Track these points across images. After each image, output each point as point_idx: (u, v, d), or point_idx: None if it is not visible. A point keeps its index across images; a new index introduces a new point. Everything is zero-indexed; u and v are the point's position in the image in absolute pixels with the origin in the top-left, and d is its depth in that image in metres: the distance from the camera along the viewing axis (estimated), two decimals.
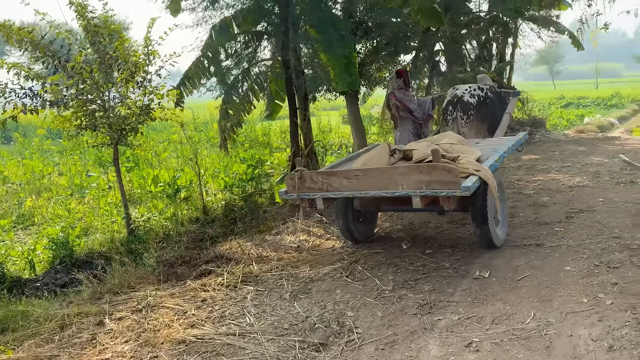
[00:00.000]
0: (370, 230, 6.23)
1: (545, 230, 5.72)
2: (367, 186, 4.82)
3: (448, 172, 4.40)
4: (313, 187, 5.17)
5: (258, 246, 6.39)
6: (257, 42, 8.72)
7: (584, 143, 12.85)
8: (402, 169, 4.64)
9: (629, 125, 23.93)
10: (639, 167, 7.32)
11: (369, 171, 4.81)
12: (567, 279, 4.23)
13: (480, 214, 4.99)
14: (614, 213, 6.06)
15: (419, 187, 4.54)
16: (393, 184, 4.68)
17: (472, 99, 6.79)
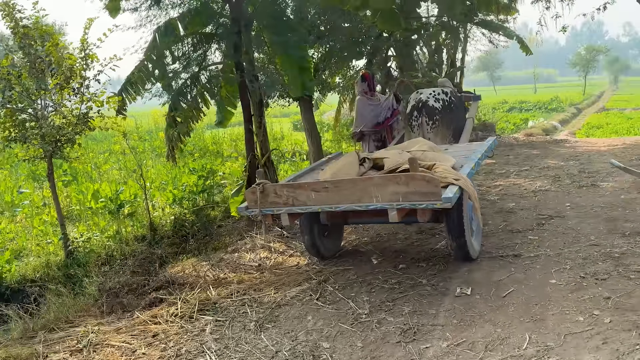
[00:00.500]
0: (337, 245, 5.80)
1: (519, 239, 5.48)
2: (338, 199, 4.39)
3: (427, 183, 4.03)
4: (277, 201, 4.68)
5: (215, 267, 5.82)
6: (206, 44, 8.14)
7: (536, 146, 12.98)
8: (377, 180, 4.23)
9: (571, 128, 24.84)
10: (636, 172, 7.16)
11: (339, 183, 4.38)
12: (556, 294, 3.94)
13: (456, 226, 4.66)
14: (585, 219, 5.91)
15: (396, 199, 4.15)
16: (367, 197, 4.27)
17: (437, 103, 6.51)
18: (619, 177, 7.95)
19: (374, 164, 4.99)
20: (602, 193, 7.08)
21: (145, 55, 7.69)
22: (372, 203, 4.25)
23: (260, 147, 7.89)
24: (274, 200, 4.70)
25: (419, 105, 6.50)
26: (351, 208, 4.33)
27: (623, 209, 6.09)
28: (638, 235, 5.06)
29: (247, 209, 4.88)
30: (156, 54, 7.68)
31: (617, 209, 6.12)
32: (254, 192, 4.77)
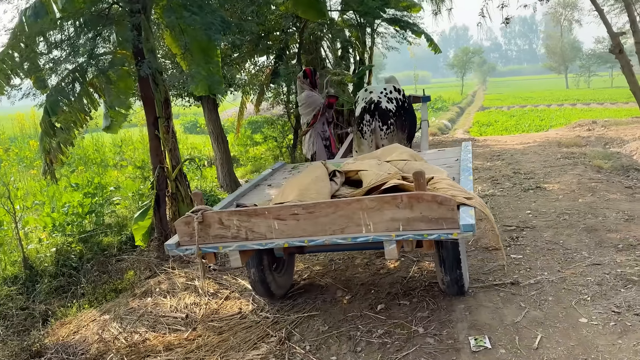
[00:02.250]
0: (289, 280, 4.59)
1: (501, 261, 4.67)
2: (313, 230, 3.18)
3: (440, 205, 2.97)
4: (224, 234, 3.36)
5: (124, 322, 4.30)
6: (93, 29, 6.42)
7: (450, 146, 12.69)
8: (369, 203, 3.09)
9: (462, 126, 25.73)
10: None
11: (315, 208, 3.17)
12: (600, 341, 3.11)
13: (452, 257, 3.69)
14: (560, 229, 5.29)
15: (395, 227, 3.05)
16: (354, 225, 3.12)
17: (390, 104, 5.51)
18: (560, 178, 7.62)
19: (347, 178, 3.85)
20: (555, 197, 6.62)
21: (10, 41, 5.81)
22: (361, 234, 3.11)
23: (170, 156, 6.37)
24: (219, 233, 3.37)
25: (371, 107, 5.47)
26: (332, 241, 3.15)
27: (594, 215, 5.58)
28: (635, 249, 4.49)
29: (178, 247, 3.49)
30: (25, 41, 5.85)
31: (587, 215, 5.61)
32: (188, 222, 3.40)
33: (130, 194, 8.60)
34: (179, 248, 3.47)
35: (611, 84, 52.07)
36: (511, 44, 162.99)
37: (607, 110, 27.53)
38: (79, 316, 4.71)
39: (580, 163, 8.57)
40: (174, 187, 6.26)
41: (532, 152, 10.13)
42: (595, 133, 13.41)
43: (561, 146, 10.86)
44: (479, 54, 54.17)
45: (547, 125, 21.70)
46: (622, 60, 6.45)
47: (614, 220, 5.36)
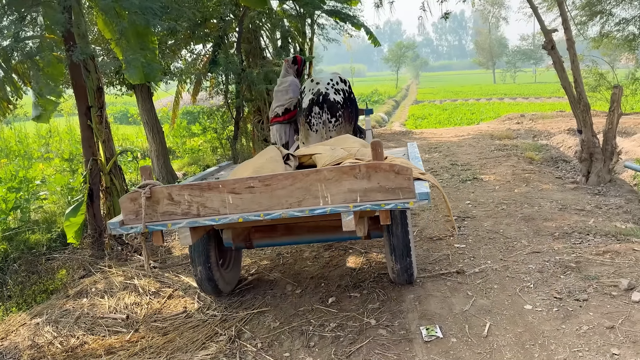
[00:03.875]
0: (237, 275, 4.46)
1: (446, 249, 4.78)
2: (269, 204, 3.09)
3: (397, 175, 2.98)
4: (174, 211, 3.18)
5: (59, 326, 4.02)
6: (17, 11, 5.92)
7: (388, 139, 12.92)
8: (327, 174, 3.04)
9: (397, 119, 26.27)
10: None
11: (272, 180, 3.08)
12: (546, 327, 3.23)
13: (402, 243, 3.72)
14: (499, 219, 5.48)
15: (352, 199, 3.03)
16: (311, 197, 3.06)
17: (337, 95, 5.45)
18: (495, 169, 7.92)
19: (301, 163, 3.78)
20: (492, 187, 6.87)
21: None
22: (318, 207, 3.05)
23: (104, 148, 6.01)
24: (168, 210, 3.18)
25: (319, 99, 5.38)
26: (290, 215, 3.06)
27: (529, 205, 5.83)
28: (570, 236, 4.72)
29: (122, 225, 3.25)
30: None
31: (524, 205, 5.84)
32: (134, 198, 3.19)
33: (58, 188, 8.08)
34: (123, 227, 3.23)
35: (535, 79, 55.02)
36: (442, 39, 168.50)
37: (532, 104, 29.04)
38: (7, 320, 4.35)
39: (513, 155, 8.95)
40: (108, 181, 5.92)
41: (467, 145, 10.48)
42: (525, 126, 14.10)
43: (494, 138, 11.31)
44: (412, 48, 55.59)
45: (478, 119, 22.58)
46: (554, 56, 6.75)
47: (548, 209, 5.61)
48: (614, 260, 4.03)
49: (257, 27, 13.08)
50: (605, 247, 4.33)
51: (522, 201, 6.01)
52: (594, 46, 14.65)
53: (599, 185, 6.68)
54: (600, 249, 4.29)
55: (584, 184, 6.85)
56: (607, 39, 14.00)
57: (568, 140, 11.09)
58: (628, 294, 3.43)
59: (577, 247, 4.43)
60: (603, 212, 5.53)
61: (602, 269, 3.89)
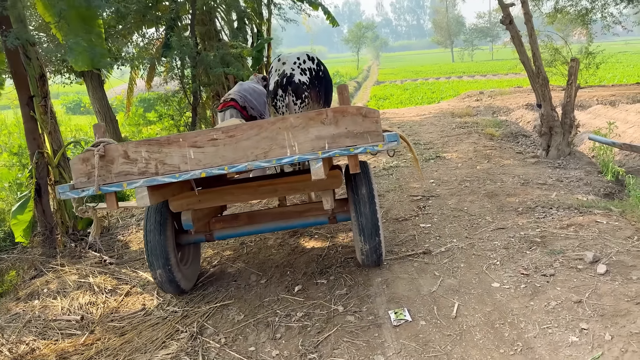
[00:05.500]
0: (197, 270, 4.27)
1: (412, 229, 4.71)
2: (234, 156, 2.94)
3: (364, 117, 2.94)
4: (130, 170, 2.97)
5: (5, 331, 3.76)
6: None
7: None
8: (294, 121, 2.95)
9: (360, 100, 26.20)
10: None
11: (237, 131, 2.95)
12: (514, 304, 3.19)
13: (370, 222, 3.62)
14: (463, 196, 5.45)
15: (320, 146, 2.94)
16: (278, 147, 2.95)
17: (303, 76, 5.23)
18: (457, 147, 7.92)
19: None
20: (455, 165, 6.85)
21: None
22: (286, 156, 2.93)
23: (50, 140, 5.66)
24: (124, 170, 2.97)
25: (283, 81, 5.16)
26: (256, 166, 2.91)
27: (492, 181, 5.82)
28: (533, 211, 4.72)
29: (73, 189, 3.01)
30: None
31: (486, 181, 5.84)
32: (87, 158, 2.96)
33: (6, 184, 7.65)
34: (74, 190, 2.99)
35: (492, 56, 55.90)
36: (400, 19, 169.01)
37: (490, 81, 29.47)
38: None
39: (474, 132, 8.98)
40: (57, 174, 5.58)
41: (429, 123, 10.47)
42: (484, 103, 14.23)
43: (455, 116, 11.35)
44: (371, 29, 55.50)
45: (439, 97, 22.74)
46: (512, 30, 6.73)
47: (511, 184, 5.62)
48: (578, 233, 4.04)
49: (212, 9, 12.66)
50: (569, 220, 4.34)
51: (485, 177, 6.00)
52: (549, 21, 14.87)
53: (559, 159, 6.75)
54: (564, 222, 4.30)
55: (545, 157, 6.91)
56: (561, 14, 14.22)
57: (527, 115, 11.24)
58: (593, 267, 3.43)
59: (541, 221, 4.43)
60: (564, 185, 5.58)
61: (566, 242, 3.89)
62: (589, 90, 14.50)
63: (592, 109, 11.43)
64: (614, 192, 5.53)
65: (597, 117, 10.40)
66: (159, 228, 3.63)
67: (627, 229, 3.97)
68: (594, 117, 10.53)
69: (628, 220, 4.18)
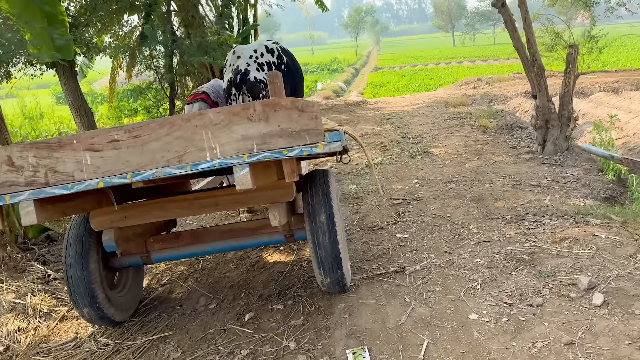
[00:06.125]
0: (136, 296, 3.75)
1: (388, 241, 4.20)
2: (140, 161, 2.41)
3: (301, 112, 2.42)
4: (15, 179, 2.45)
5: None
6: None
7: (341, 110, 12.25)
8: (214, 117, 2.41)
9: (356, 88, 25.59)
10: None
11: (143, 129, 2.42)
12: (492, 344, 2.68)
13: (331, 253, 3.07)
14: (447, 200, 4.93)
15: (247, 148, 2.41)
16: (195, 150, 2.42)
17: (260, 72, 4.67)
18: (447, 141, 7.38)
19: None
20: (442, 162, 6.32)
21: None
22: (204, 160, 2.40)
23: None
24: (8, 179, 2.45)
25: (237, 78, 4.59)
26: (166, 173, 2.38)
27: (480, 182, 5.30)
28: (523, 219, 4.20)
29: None
30: None
31: (474, 182, 5.31)
32: None
33: None
34: None
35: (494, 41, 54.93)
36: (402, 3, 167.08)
37: (490, 66, 28.77)
38: None
39: (467, 124, 8.43)
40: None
41: (421, 114, 9.92)
42: (481, 90, 13.63)
43: (448, 106, 10.78)
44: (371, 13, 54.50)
45: (436, 84, 22.12)
46: (504, 14, 6.15)
47: (500, 186, 5.10)
48: (572, 249, 3.52)
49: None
50: (563, 232, 3.82)
51: (473, 177, 5.47)
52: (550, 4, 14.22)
53: (556, 155, 6.22)
54: (557, 235, 3.78)
55: (540, 153, 6.38)
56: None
57: (524, 104, 10.67)
58: (588, 296, 2.92)
59: (531, 233, 3.91)
60: (560, 186, 5.05)
61: (559, 261, 3.38)
62: (591, 76, 13.87)
63: (594, 97, 10.84)
64: (615, 194, 5.00)
65: (599, 105, 9.82)
66: (81, 262, 3.10)
67: (629, 245, 3.45)
68: (596, 105, 9.94)
69: (630, 233, 3.66)
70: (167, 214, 3.26)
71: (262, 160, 2.39)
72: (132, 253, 3.49)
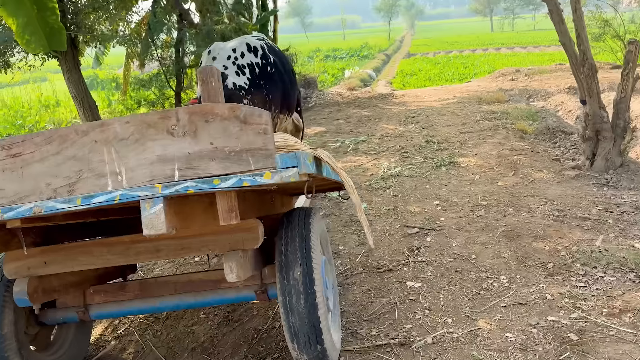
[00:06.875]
0: (81, 351, 3.06)
1: (395, 291, 3.37)
2: (18, 189, 1.82)
3: (243, 125, 1.73)
4: None
5: None
6: None
7: (364, 105, 11.33)
8: (120, 129, 1.77)
9: (385, 76, 24.48)
10: None
11: (24, 145, 1.81)
12: None
13: (308, 323, 2.28)
14: (474, 233, 4.05)
15: (165, 173, 1.74)
16: (93, 175, 1.82)
17: (240, 76, 3.83)
18: (477, 149, 6.43)
19: None
20: (471, 177, 5.40)
21: None
22: (103, 191, 1.74)
23: None
24: None
25: None
26: (48, 209, 1.74)
27: (515, 209, 4.38)
28: (569, 271, 3.29)
29: None
30: None
31: (508, 209, 4.40)
32: None
33: None
34: None
35: (534, 26, 52.46)
36: None
37: (530, 54, 27.13)
38: None
39: (502, 126, 7.43)
40: None
41: (450, 113, 8.93)
42: (519, 84, 12.47)
43: (482, 103, 9.74)
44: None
45: (471, 74, 20.83)
46: (550, 3, 5.15)
47: (540, 217, 4.17)
48: (637, 328, 2.61)
49: None
50: (622, 296, 2.91)
51: (507, 202, 4.56)
52: None
53: (608, 172, 5.22)
54: (615, 302, 2.87)
55: (588, 169, 5.39)
56: None
57: (568, 102, 9.54)
58: None
59: (580, 295, 3.01)
60: (615, 219, 4.09)
61: (619, 349, 2.49)
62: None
63: None
64: None
65: None
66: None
67: None
68: None
69: None
70: (95, 261, 2.49)
71: (184, 194, 1.66)
72: (68, 306, 2.79)
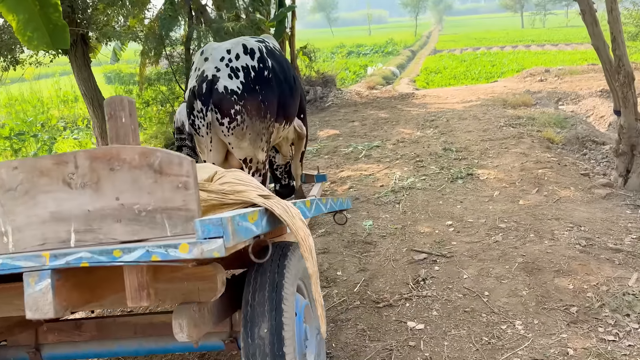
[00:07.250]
0: None
1: (393, 334, 2.95)
2: None
3: (158, 175, 1.39)
4: None
5: None
6: None
7: (382, 106, 10.86)
8: (6, 176, 1.47)
9: (409, 74, 23.87)
10: None
11: None
12: None
13: None
14: (488, 263, 3.59)
15: (58, 237, 1.45)
16: None
17: (233, 80, 3.45)
18: (499, 159, 5.93)
19: None
20: (490, 193, 4.93)
21: None
22: None
23: None
24: None
25: (202, 87, 3.41)
26: None
27: (537, 235, 3.90)
28: (597, 319, 2.82)
29: None
30: None
31: (529, 234, 3.92)
32: None
33: None
34: None
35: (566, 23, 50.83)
36: None
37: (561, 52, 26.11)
38: None
39: (527, 134, 6.89)
40: None
41: (472, 117, 8.40)
42: (548, 86, 11.81)
43: (507, 106, 9.17)
44: None
45: (498, 72, 20.07)
46: (582, 3, 4.62)
47: (565, 246, 3.69)
48: None
49: None
50: None
51: (528, 225, 4.08)
52: None
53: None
54: None
55: (621, 187, 4.87)
56: None
57: (600, 107, 8.91)
58: None
59: (609, 352, 2.55)
60: None
61: None
62: None
63: None
64: None
65: None
66: None
67: None
68: None
69: None
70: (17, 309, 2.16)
71: (76, 266, 1.30)
72: (19, 344, 2.47)
